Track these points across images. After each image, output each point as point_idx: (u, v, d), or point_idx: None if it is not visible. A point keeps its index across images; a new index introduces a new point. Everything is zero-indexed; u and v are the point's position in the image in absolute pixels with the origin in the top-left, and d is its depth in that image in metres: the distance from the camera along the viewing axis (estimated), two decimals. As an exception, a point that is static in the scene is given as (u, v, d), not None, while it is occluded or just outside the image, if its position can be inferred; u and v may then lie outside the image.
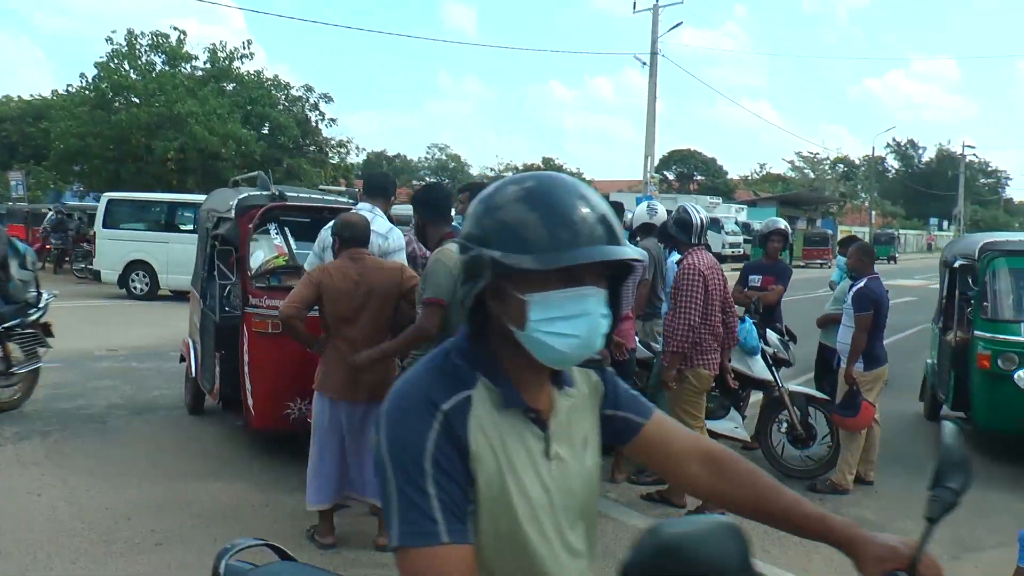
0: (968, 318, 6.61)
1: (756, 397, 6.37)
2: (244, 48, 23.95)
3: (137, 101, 21.32)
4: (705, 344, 5.14)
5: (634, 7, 27.53)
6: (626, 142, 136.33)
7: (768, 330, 6.28)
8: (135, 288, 15.70)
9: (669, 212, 6.17)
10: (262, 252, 5.18)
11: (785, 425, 5.95)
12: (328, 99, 25.32)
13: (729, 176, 57.12)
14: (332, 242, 4.36)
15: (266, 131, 24.02)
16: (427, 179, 52.21)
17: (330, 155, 26.89)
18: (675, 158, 59.12)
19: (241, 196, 5.63)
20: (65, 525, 4.57)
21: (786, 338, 6.44)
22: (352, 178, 28.84)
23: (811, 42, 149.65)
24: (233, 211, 5.55)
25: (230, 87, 23.91)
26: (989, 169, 76.31)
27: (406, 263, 4.68)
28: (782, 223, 6.76)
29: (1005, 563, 3.81)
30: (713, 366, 5.21)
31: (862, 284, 5.74)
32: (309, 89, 25.41)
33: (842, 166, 58.93)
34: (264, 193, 5.70)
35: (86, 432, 6.38)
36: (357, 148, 45.52)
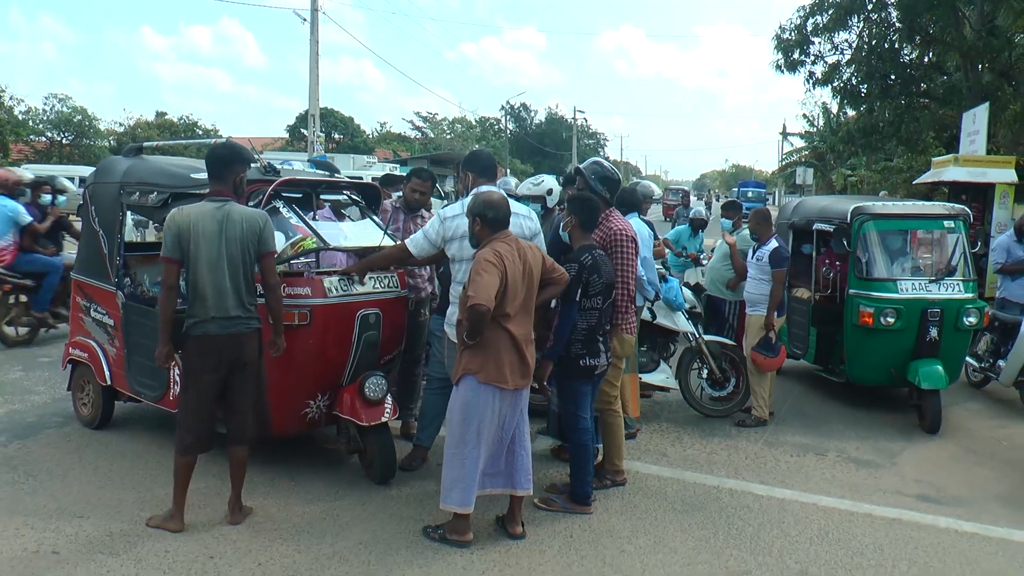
0: (826, 278, 7.92)
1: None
2: None
3: None
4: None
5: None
6: (236, 96, 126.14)
7: (683, 286, 7.06)
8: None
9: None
10: (281, 235, 4.54)
11: (706, 371, 6.86)
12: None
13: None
14: (474, 224, 4.07)
15: None
16: (49, 135, 43.78)
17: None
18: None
19: None
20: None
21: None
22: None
23: (405, 6, 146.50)
24: None
25: None
26: (591, 131, 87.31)
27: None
28: (658, 191, 7.63)
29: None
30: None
31: (777, 245, 6.65)
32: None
33: (460, 126, 62.67)
34: (253, 166, 4.86)
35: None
36: (12, 98, 38.35)
